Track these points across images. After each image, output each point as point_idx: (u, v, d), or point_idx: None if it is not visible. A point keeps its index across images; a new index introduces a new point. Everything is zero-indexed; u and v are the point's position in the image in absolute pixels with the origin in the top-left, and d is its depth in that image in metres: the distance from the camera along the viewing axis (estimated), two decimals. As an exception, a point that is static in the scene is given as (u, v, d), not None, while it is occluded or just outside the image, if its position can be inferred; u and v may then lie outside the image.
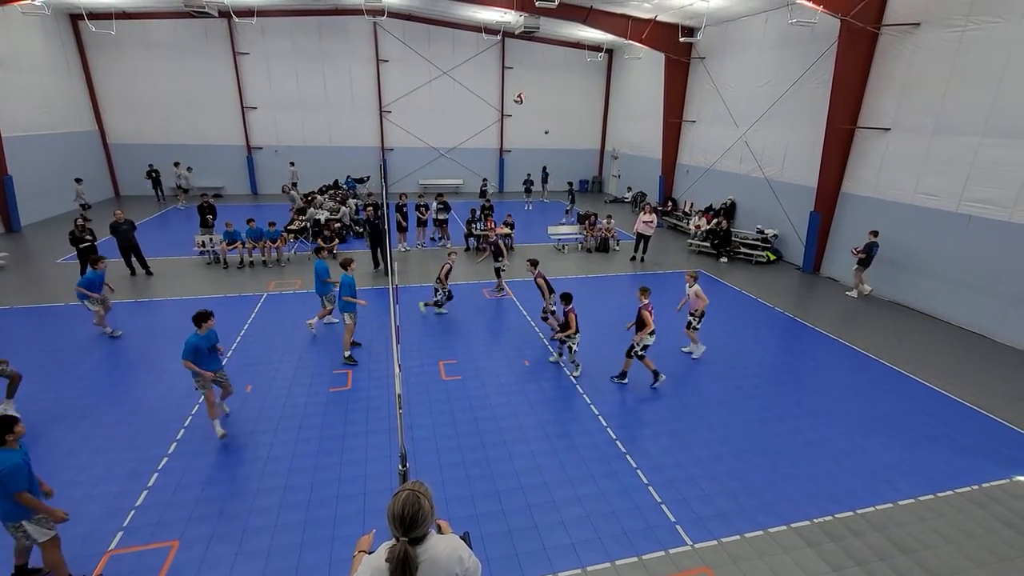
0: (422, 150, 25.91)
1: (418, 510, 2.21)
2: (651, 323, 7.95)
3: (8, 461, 4.15)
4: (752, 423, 7.45)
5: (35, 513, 4.33)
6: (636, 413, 7.66)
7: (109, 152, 22.75)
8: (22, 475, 4.21)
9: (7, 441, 4.22)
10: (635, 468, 6.43)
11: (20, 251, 14.59)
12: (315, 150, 24.24)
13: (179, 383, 8.06)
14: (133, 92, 22.18)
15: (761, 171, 16.65)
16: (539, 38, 24.10)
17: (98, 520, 5.37)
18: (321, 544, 5.18)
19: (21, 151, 16.81)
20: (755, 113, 16.65)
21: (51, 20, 19.09)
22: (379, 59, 23.99)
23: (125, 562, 4.91)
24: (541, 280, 9.93)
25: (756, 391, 8.33)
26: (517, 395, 8.02)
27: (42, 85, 18.75)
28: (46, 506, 4.41)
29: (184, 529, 5.30)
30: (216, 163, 23.69)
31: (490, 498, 5.86)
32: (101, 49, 21.20)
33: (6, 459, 4.15)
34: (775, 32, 15.60)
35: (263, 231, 14.05)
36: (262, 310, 11.01)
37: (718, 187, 18.72)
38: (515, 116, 26.34)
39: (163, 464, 6.25)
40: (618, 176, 27.04)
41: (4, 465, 4.12)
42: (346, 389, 8.04)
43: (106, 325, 9.64)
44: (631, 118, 25.32)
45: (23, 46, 17.79)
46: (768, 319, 11.42)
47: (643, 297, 8.17)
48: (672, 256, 16.28)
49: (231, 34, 22.27)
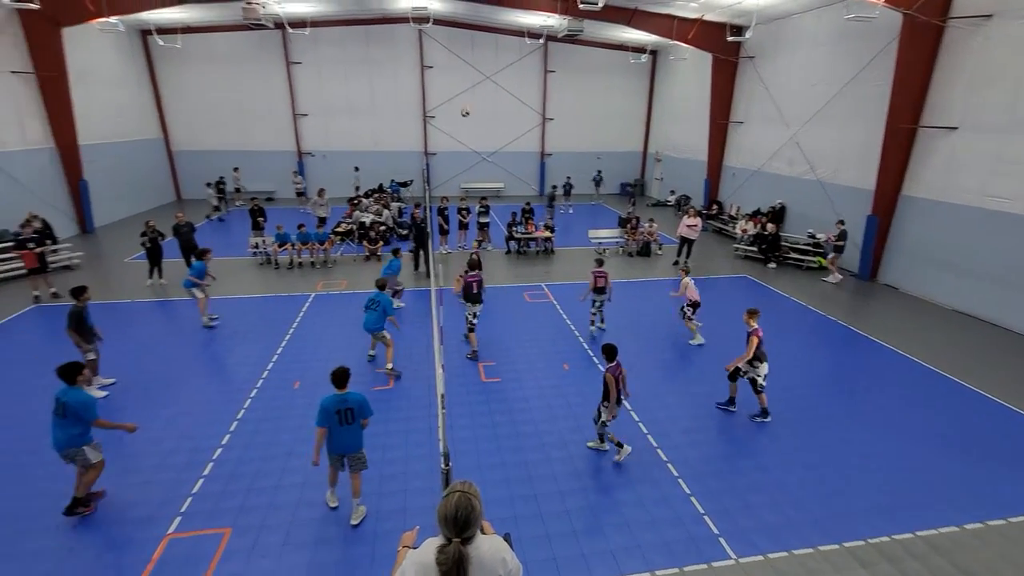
0: (464, 154, 26.26)
1: (471, 512, 2.24)
2: (751, 352, 7.00)
3: (84, 396, 5.33)
4: (801, 435, 7.15)
5: (93, 439, 5.38)
6: (677, 420, 7.48)
7: (172, 158, 24.20)
8: (95, 407, 5.36)
9: (78, 381, 5.31)
10: (676, 477, 6.28)
11: (92, 251, 15.69)
12: (361, 155, 24.95)
13: (233, 377, 8.47)
14: (194, 101, 23.52)
15: (813, 173, 15.99)
16: (582, 41, 24.01)
17: (158, 505, 5.70)
18: (363, 539, 5.32)
19: (95, 158, 18.07)
20: (807, 113, 16.00)
21: (124, 36, 20.48)
22: (424, 65, 24.49)
23: (183, 546, 5.18)
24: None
25: (805, 401, 7.98)
26: (556, 399, 7.99)
27: (115, 97, 20.14)
28: (120, 423, 5.64)
29: (236, 518, 5.55)
30: (268, 168, 24.74)
31: (528, 501, 5.86)
32: (168, 62, 22.60)
33: (82, 395, 5.30)
34: (830, 28, 14.97)
35: (311, 233, 14.59)
36: (310, 309, 11.42)
37: (766, 190, 18.09)
38: (557, 120, 26.34)
39: (217, 455, 6.57)
40: (661, 179, 26.56)
41: (82, 399, 5.27)
42: (388, 388, 8.22)
43: (205, 311, 10.33)
44: (675, 120, 24.84)
45: (99, 61, 19.17)
46: (819, 327, 10.93)
47: (751, 320, 7.16)
48: (717, 261, 15.84)
49: (285, 45, 23.27)
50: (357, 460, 5.51)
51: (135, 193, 20.93)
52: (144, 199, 21.69)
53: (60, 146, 16.65)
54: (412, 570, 2.28)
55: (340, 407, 5.28)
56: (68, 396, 5.21)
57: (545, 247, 16.40)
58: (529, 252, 16.35)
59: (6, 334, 10.00)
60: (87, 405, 5.27)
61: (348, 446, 5.42)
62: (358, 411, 5.39)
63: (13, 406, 7.54)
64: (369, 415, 5.51)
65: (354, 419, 5.37)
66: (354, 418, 5.36)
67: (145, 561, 4.98)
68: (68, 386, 5.28)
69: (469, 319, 9.39)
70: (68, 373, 5.29)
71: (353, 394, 5.40)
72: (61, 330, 7.64)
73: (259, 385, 8.23)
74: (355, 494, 5.52)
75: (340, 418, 5.29)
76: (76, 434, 5.26)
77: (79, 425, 5.26)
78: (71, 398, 5.20)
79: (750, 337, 7.13)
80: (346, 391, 5.37)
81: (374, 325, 8.45)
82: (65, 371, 5.29)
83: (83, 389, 5.35)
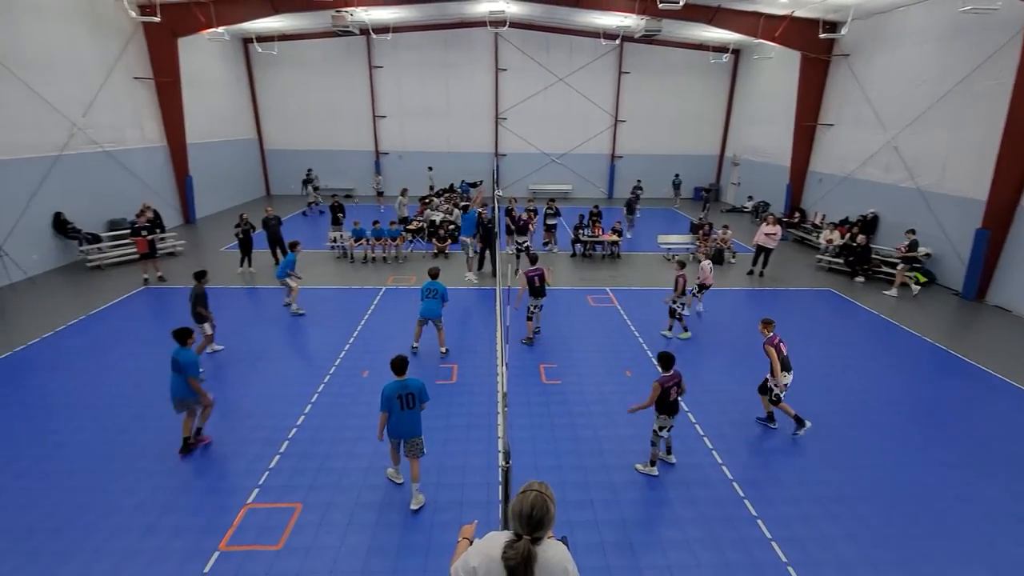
0: (534, 155, 26.38)
1: (546, 513, 2.25)
2: (776, 361, 6.77)
3: (191, 355, 6.42)
4: (887, 467, 6.56)
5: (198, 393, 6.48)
6: (747, 439, 7.10)
7: (264, 156, 26.17)
8: (197, 367, 6.50)
9: (187, 343, 6.45)
10: (743, 497, 5.97)
11: (193, 240, 17.26)
12: (435, 155, 25.71)
13: (310, 362, 9.01)
14: (286, 103, 25.31)
15: (913, 181, 14.62)
16: (659, 41, 23.39)
17: (240, 476, 6.18)
18: (421, 527, 5.48)
19: (199, 156, 19.88)
20: (909, 115, 14.66)
21: (228, 45, 22.43)
22: (498, 68, 24.87)
23: (260, 515, 5.59)
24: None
25: (895, 432, 7.32)
26: (617, 405, 7.82)
27: (218, 99, 22.07)
28: (204, 393, 6.51)
29: (307, 494, 5.91)
30: (348, 167, 26.12)
31: (584, 507, 5.79)
32: (264, 67, 24.49)
33: (189, 354, 6.41)
34: (940, 22, 13.62)
35: (385, 230, 15.24)
36: (381, 302, 11.93)
37: (857, 198, 16.76)
38: (630, 122, 25.86)
39: (292, 434, 7.02)
40: (738, 184, 25.34)
41: (189, 358, 6.37)
42: (451, 383, 8.42)
43: (295, 300, 11.12)
44: (756, 122, 23.61)
45: (206, 67, 21.09)
46: (914, 350, 9.98)
47: (766, 330, 7.00)
48: (796, 272, 14.89)
49: (368, 50, 24.47)
50: (414, 445, 5.73)
51: (230, 188, 22.82)
52: (238, 194, 23.59)
53: (171, 144, 18.48)
54: (477, 559, 2.30)
55: (401, 392, 5.56)
56: (179, 354, 6.37)
57: (612, 251, 16.14)
58: (595, 255, 16.16)
59: (121, 311, 11.21)
60: (191, 364, 6.39)
61: (407, 431, 5.67)
62: (419, 396, 5.65)
63: (128, 369, 8.46)
64: (426, 400, 5.79)
65: (415, 403, 5.62)
66: (415, 402, 5.62)
67: (227, 526, 5.42)
68: (180, 346, 6.43)
69: (531, 309, 9.74)
70: (180, 336, 6.51)
71: (413, 380, 5.67)
72: (165, 309, 8.51)
73: (332, 371, 8.70)
74: (414, 479, 5.74)
75: (402, 403, 5.56)
76: (186, 385, 6.39)
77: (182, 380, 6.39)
78: (181, 356, 6.36)
79: (766, 348, 6.90)
80: (406, 377, 5.64)
81: (435, 312, 9.02)
82: (178, 334, 6.51)
83: (191, 350, 6.54)
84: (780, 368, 6.83)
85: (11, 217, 12.64)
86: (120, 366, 8.77)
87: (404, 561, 5.05)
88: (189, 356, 6.39)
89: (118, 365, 8.81)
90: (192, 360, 6.41)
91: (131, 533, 5.31)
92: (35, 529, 5.34)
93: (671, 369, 6.09)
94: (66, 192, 14.11)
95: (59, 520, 5.47)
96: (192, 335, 6.62)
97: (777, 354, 6.87)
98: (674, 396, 6.08)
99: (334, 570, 4.94)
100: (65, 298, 11.86)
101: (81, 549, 5.11)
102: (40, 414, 7.38)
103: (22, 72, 12.82)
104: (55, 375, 8.43)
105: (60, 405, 7.59)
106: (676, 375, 6.11)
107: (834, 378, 8.75)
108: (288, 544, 5.22)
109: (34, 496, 5.80)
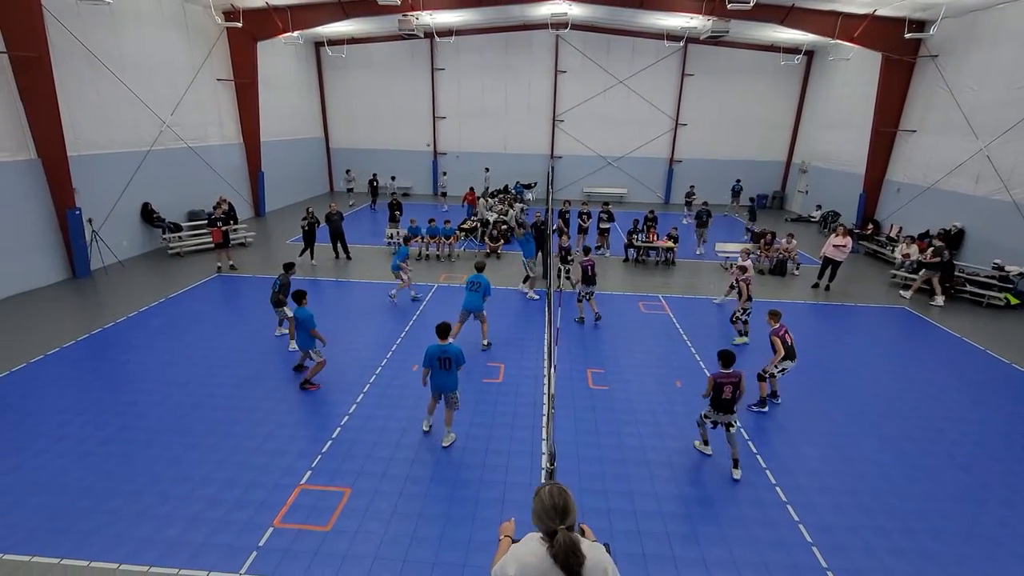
0: (590, 158, 26.17)
1: (567, 499, 2.26)
2: (781, 350, 7.38)
3: (307, 312, 7.76)
4: (963, 500, 6.04)
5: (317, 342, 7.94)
6: (806, 463, 6.73)
7: (330, 155, 27.39)
8: (312, 320, 7.76)
9: (303, 303, 7.85)
10: (797, 522, 5.68)
11: (263, 232, 18.31)
12: (491, 156, 26.03)
13: (364, 354, 9.35)
14: (352, 104, 26.41)
15: (1008, 193, 13.37)
16: (726, 42, 22.60)
17: (296, 457, 6.51)
18: (462, 521, 5.57)
19: (271, 153, 21.08)
20: (1006, 122, 13.41)
21: (302, 48, 23.67)
22: (557, 70, 24.85)
23: (311, 496, 5.86)
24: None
25: (973, 464, 6.74)
26: (665, 416, 7.65)
27: (290, 100, 23.33)
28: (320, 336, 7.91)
29: (355, 480, 6.14)
30: (407, 166, 26.92)
31: (627, 517, 5.70)
32: (334, 69, 25.65)
33: (305, 311, 7.76)
34: (1048, 20, 12.40)
35: (439, 228, 15.57)
36: (432, 298, 12.20)
37: (939, 210, 15.52)
38: (691, 125, 25.16)
39: (344, 421, 7.31)
40: (805, 192, 24.07)
41: (307, 314, 7.73)
42: (497, 382, 8.50)
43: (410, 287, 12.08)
44: (828, 127, 22.35)
45: (282, 69, 22.35)
46: (1001, 377, 9.14)
47: (772, 321, 7.61)
48: (866, 287, 13.97)
49: (431, 52, 25.10)
50: (451, 398, 6.73)
51: (297, 184, 24.04)
52: (303, 190, 24.83)
53: (246, 142, 19.71)
54: (513, 567, 2.26)
55: (440, 355, 6.48)
56: (298, 312, 7.82)
57: (666, 257, 15.75)
58: (648, 261, 15.82)
59: (196, 295, 12.07)
60: (308, 319, 7.75)
61: (444, 386, 6.65)
62: (455, 359, 6.52)
63: (202, 350, 9.12)
64: (462, 363, 6.63)
65: (451, 366, 6.52)
66: (451, 365, 6.51)
67: (281, 504, 5.72)
68: (298, 306, 7.86)
69: (582, 295, 10.69)
70: (298, 296, 7.96)
71: (452, 346, 6.55)
72: (236, 295, 9.08)
73: (383, 364, 8.99)
74: (447, 423, 6.79)
75: (440, 364, 6.50)
76: (305, 338, 7.83)
77: (303, 333, 7.81)
78: (299, 313, 7.79)
79: (772, 338, 7.42)
80: (447, 342, 6.52)
81: (477, 305, 9.36)
82: (296, 295, 7.98)
83: (307, 308, 7.83)
84: (784, 356, 7.42)
85: (107, 206, 13.89)
86: (195, 346, 9.44)
87: (444, 554, 5.15)
88: (304, 313, 7.69)
89: (193, 345, 9.48)
90: (306, 316, 7.67)
91: (198, 503, 5.71)
92: (116, 491, 5.85)
93: (730, 367, 6.20)
94: (153, 184, 15.35)
95: (137, 484, 5.96)
96: (305, 296, 7.99)
97: (782, 343, 7.41)
98: (728, 394, 6.15)
99: (378, 555, 5.11)
100: (148, 282, 12.90)
101: (156, 514, 5.55)
102: (125, 387, 8.06)
103: (122, 74, 14.07)
104: (138, 352, 9.19)
105: (141, 379, 8.27)
106: (735, 375, 6.18)
107: (908, 403, 8.16)
108: (336, 527, 5.44)
109: (117, 462, 6.35)
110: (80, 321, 10.37)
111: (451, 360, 6.50)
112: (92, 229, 13.21)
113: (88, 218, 13.05)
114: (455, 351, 6.54)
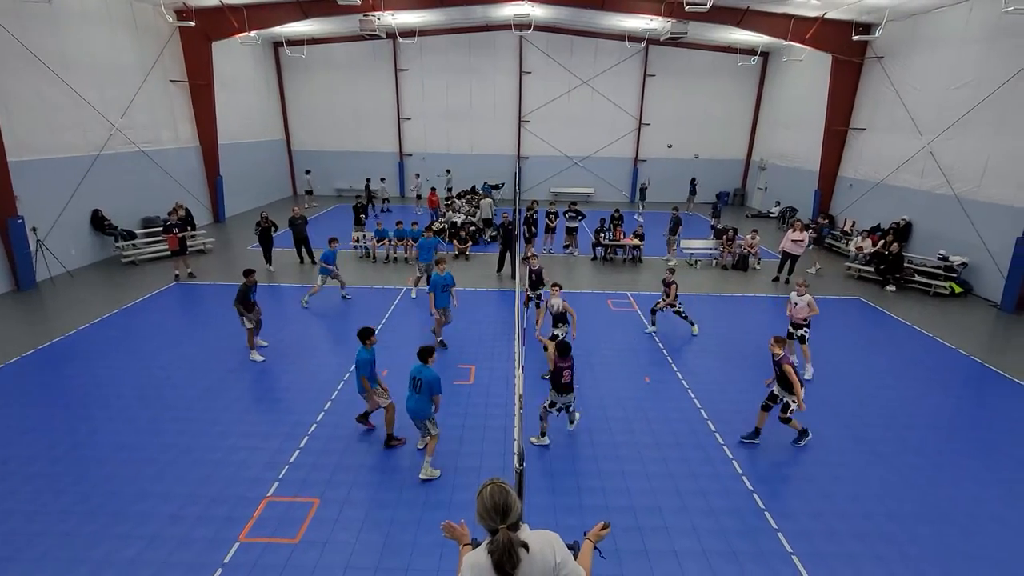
0: (556, 158, 26.36)
1: (507, 496, 2.27)
2: (797, 381, 6.49)
3: (363, 356, 6.53)
4: (918, 484, 6.34)
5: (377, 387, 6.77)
6: (768, 451, 6.95)
7: (292, 157, 26.73)
8: (367, 366, 6.56)
9: (367, 344, 6.60)
10: (763, 509, 5.85)
11: (222, 238, 17.73)
12: (457, 157, 25.90)
13: (331, 360, 9.15)
14: (314, 106, 25.83)
15: (950, 187, 14.14)
16: (686, 44, 23.14)
17: (262, 469, 6.32)
18: (435, 526, 5.47)
19: (229, 156, 20.42)
20: (946, 119, 14.19)
21: (260, 48, 23.01)
22: (522, 71, 24.94)
23: (278, 509, 5.70)
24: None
25: (925, 447, 7.08)
26: (635, 412, 7.77)
27: (248, 101, 22.66)
28: (371, 389, 6.68)
29: (324, 490, 6.00)
30: (373, 168, 26.43)
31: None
32: (294, 70, 25.05)
33: (363, 353, 6.55)
34: (982, 24, 13.16)
35: (406, 231, 15.40)
36: (400, 303, 12.05)
37: (889, 204, 16.29)
38: (654, 125, 25.64)
39: (312, 430, 7.14)
40: (764, 189, 24.87)
41: (362, 358, 6.52)
42: (468, 384, 8.46)
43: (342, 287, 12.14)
44: (785, 125, 23.16)
45: (239, 70, 21.68)
46: (948, 363, 9.65)
47: (778, 348, 6.70)
48: (823, 280, 14.52)
49: (395, 53, 24.81)
50: (421, 425, 6.29)
51: (259, 188, 23.37)
52: (265, 194, 24.16)
53: (203, 145, 19.03)
54: (469, 572, 2.29)
55: (415, 375, 6.10)
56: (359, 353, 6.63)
57: (633, 255, 16.00)
58: (616, 259, 16.04)
59: (153, 305, 11.58)
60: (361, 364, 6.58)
61: (414, 411, 6.20)
62: (425, 384, 6.04)
63: (159, 362, 8.75)
64: (437, 393, 6.15)
65: (422, 390, 6.05)
66: (423, 388, 6.05)
67: (247, 517, 5.54)
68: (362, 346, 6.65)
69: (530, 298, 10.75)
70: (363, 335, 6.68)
71: (427, 370, 6.09)
72: (195, 304, 8.73)
73: (351, 370, 8.81)
74: (428, 452, 6.24)
75: (413, 384, 6.12)
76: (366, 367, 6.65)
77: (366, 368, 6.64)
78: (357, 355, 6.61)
79: (782, 365, 6.60)
80: (423, 365, 6.10)
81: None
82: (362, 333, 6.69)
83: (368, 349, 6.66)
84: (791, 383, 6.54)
85: (52, 213, 13.19)
86: (152, 358, 9.06)
87: (418, 560, 5.09)
88: (361, 354, 6.57)
89: (150, 357, 9.10)
90: (363, 359, 6.55)
91: (157, 520, 5.47)
92: (69, 512, 5.55)
93: (566, 356, 6.56)
94: (104, 190, 14.65)
95: (91, 505, 5.67)
96: (374, 332, 6.79)
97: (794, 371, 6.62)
98: (567, 378, 6.56)
99: (349, 565, 5.01)
100: (101, 292, 12.31)
101: (111, 534, 5.29)
102: (76, 403, 7.67)
103: (66, 75, 13.38)
104: (90, 366, 8.76)
105: (95, 395, 7.88)
106: (570, 360, 6.59)
107: (865, 390, 8.51)
108: (305, 538, 5.31)
109: (69, 481, 6.03)
110: (26, 335, 9.81)
111: (422, 383, 6.02)
112: (37, 238, 12.53)
113: (32, 227, 12.37)
114: (428, 376, 6.02)
